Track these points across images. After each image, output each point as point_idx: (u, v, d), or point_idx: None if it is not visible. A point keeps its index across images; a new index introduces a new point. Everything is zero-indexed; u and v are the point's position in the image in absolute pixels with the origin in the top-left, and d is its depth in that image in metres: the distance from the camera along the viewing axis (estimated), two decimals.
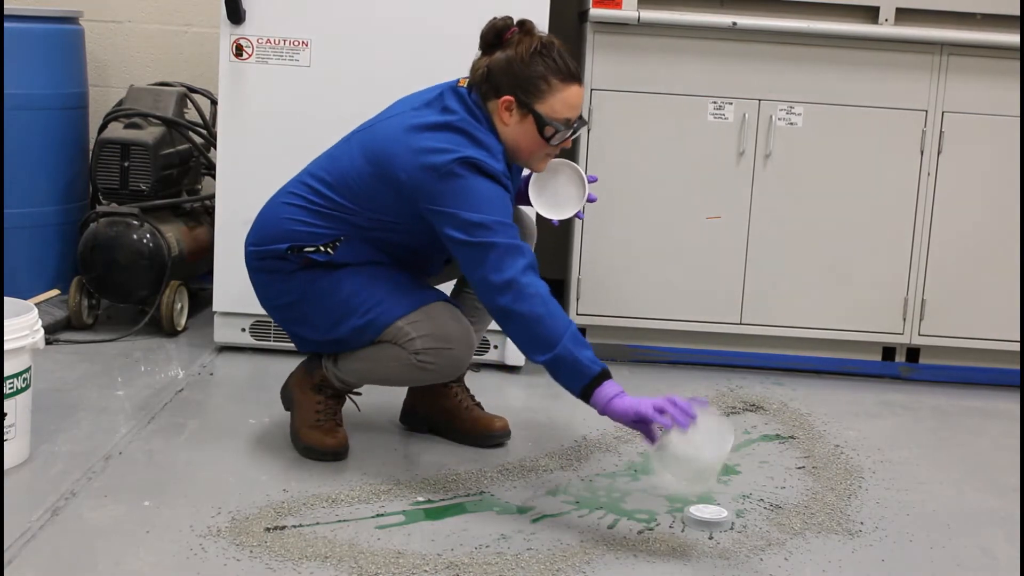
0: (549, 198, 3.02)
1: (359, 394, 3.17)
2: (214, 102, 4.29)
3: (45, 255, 4.21)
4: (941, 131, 3.91)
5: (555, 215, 3.02)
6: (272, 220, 2.97)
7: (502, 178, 2.79)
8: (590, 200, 3.01)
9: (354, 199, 2.88)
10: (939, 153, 3.92)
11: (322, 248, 2.90)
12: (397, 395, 3.32)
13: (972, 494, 3.08)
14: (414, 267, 3.03)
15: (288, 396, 3.16)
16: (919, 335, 4.01)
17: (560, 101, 2.82)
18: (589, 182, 3.00)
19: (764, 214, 3.95)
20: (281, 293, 3.00)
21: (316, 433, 3.05)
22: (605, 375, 2.69)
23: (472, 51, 3.74)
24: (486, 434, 3.19)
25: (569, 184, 3.01)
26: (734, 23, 3.82)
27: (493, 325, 3.77)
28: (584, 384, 2.68)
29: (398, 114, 2.91)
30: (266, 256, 2.97)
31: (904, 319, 4.00)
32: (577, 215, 3.05)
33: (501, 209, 2.76)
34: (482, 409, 3.25)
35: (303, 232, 2.91)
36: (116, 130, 4.11)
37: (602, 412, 2.68)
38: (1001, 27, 3.85)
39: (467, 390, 3.28)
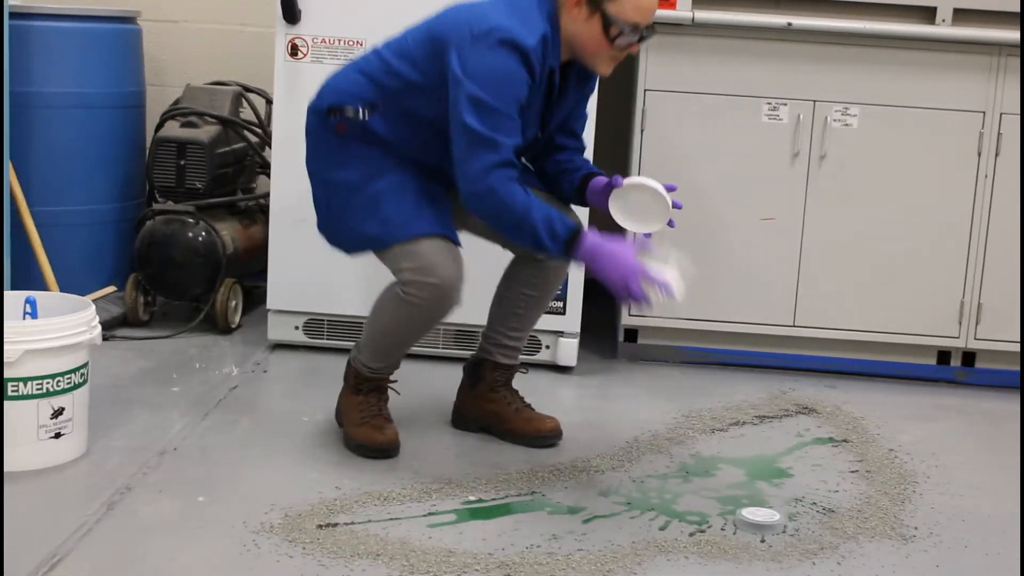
0: (633, 213, 2.98)
1: (395, 380, 3.18)
2: (269, 101, 4.32)
3: (102, 252, 4.26)
4: (999, 133, 3.87)
5: (641, 228, 2.98)
6: (329, 82, 3.03)
7: (532, 57, 2.77)
8: (675, 207, 2.98)
9: (402, 59, 2.91)
10: (997, 155, 3.88)
11: (359, 111, 2.92)
12: (448, 394, 3.32)
13: None
14: (447, 160, 2.96)
15: (338, 411, 3.19)
16: (975, 339, 3.97)
17: (631, 4, 2.83)
18: (668, 191, 2.96)
19: (818, 216, 3.93)
20: (321, 160, 3.02)
21: (365, 430, 3.07)
22: (571, 244, 2.79)
23: None
24: (537, 435, 3.19)
25: (650, 199, 2.96)
26: (789, 23, 3.80)
27: (544, 324, 3.78)
28: (560, 256, 2.85)
29: None
30: (312, 113, 3.01)
31: (960, 323, 3.96)
32: (669, 223, 3.00)
33: (511, 96, 2.76)
34: (532, 410, 3.26)
35: (347, 91, 2.94)
36: (172, 129, 4.14)
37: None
38: None
39: (515, 392, 3.28)
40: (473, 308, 3.75)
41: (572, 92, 3.02)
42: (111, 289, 4.14)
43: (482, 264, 3.22)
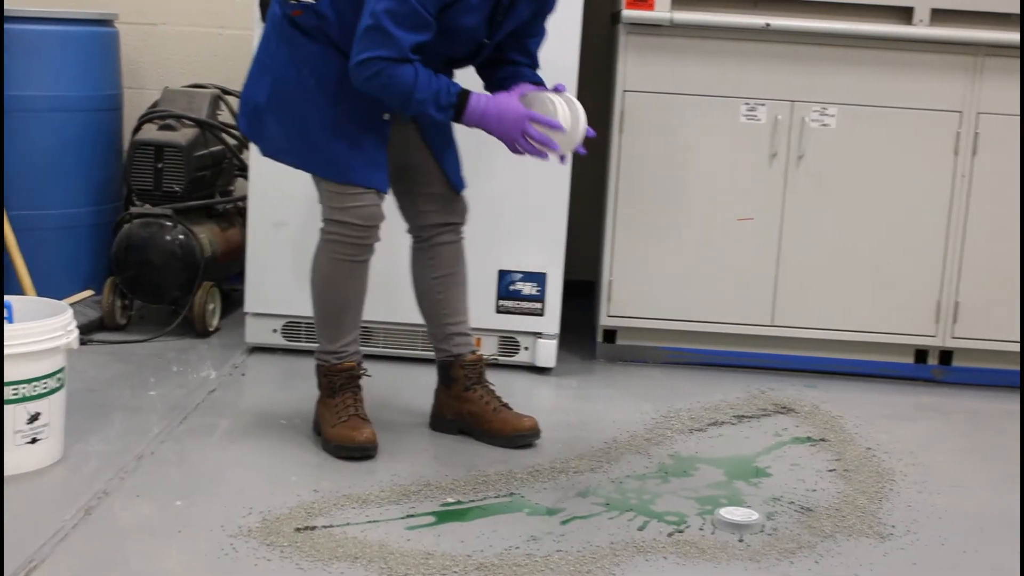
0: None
1: (365, 369, 3.19)
2: None
3: (79, 256, 4.24)
4: (976, 132, 3.88)
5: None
6: None
7: None
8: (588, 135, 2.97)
9: None
10: (974, 155, 3.89)
11: None
12: (426, 396, 3.32)
13: (1005, 498, 3.06)
14: None
15: (316, 421, 3.19)
16: (952, 338, 3.99)
17: None
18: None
19: (796, 216, 3.94)
20: (274, 50, 3.01)
21: (341, 430, 3.06)
22: (459, 110, 2.89)
23: None
24: (515, 434, 3.19)
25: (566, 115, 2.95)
26: (767, 24, 3.81)
27: (523, 325, 3.78)
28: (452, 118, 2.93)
29: None
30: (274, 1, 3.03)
31: (937, 321, 3.98)
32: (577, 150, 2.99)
33: (431, 3, 2.80)
34: (510, 409, 3.25)
35: None
36: (150, 132, 4.12)
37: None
38: None
39: (492, 392, 3.28)
40: None
41: (525, 4, 3.00)
42: (88, 293, 4.13)
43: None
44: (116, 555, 2.48)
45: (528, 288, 3.81)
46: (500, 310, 3.81)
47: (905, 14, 3.84)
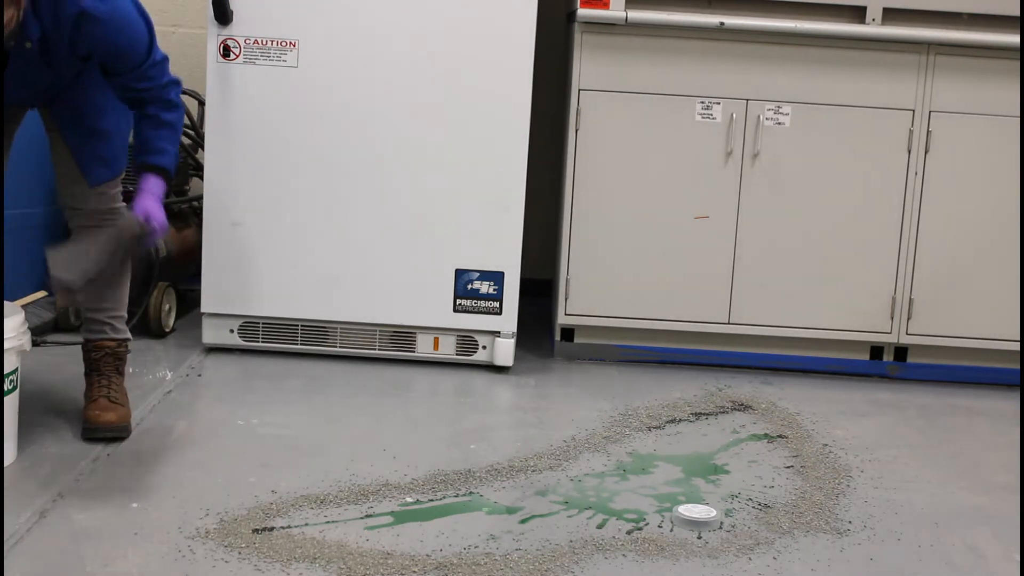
0: None
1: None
2: (202, 103, 4.28)
3: (32, 257, 4.19)
4: (928, 130, 3.92)
5: None
6: None
7: None
8: None
9: None
10: (926, 152, 3.93)
11: None
12: (384, 395, 3.31)
13: (960, 492, 3.09)
14: None
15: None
16: (907, 334, 4.02)
17: None
18: None
19: (752, 214, 3.96)
20: None
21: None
22: None
23: (456, 51, 3.77)
24: (89, 426, 3.13)
25: None
26: (722, 23, 3.82)
27: (481, 324, 3.79)
28: None
29: None
30: None
31: (892, 318, 4.01)
32: None
33: None
34: (112, 402, 3.17)
35: None
36: None
37: None
38: (988, 27, 3.85)
39: (105, 382, 3.22)
40: (404, 309, 3.77)
41: None
42: (42, 294, 4.09)
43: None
44: (71, 558, 2.45)
45: (486, 287, 3.81)
46: (458, 309, 3.81)
47: (858, 13, 3.87)
